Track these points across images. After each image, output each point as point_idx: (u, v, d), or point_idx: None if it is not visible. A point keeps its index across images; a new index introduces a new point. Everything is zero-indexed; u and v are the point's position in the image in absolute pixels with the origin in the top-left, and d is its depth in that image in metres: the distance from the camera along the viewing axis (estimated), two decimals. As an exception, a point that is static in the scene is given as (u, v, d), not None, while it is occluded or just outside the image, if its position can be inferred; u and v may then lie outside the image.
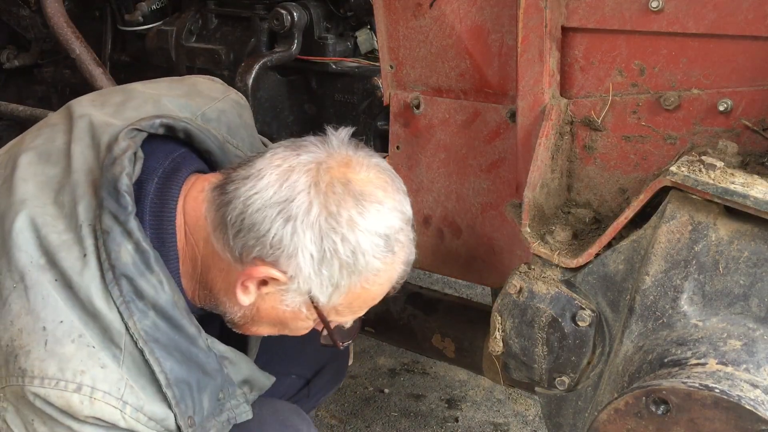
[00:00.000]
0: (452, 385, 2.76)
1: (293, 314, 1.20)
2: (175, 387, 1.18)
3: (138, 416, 1.14)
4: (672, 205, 1.13)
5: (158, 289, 1.16)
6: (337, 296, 1.17)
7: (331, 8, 2.15)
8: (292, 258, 1.12)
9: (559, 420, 1.33)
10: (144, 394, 1.15)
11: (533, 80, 1.31)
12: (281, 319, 1.23)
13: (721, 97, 1.20)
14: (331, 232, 1.11)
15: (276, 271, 1.13)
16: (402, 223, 1.19)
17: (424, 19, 1.46)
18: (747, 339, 1.08)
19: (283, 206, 1.11)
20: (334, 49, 2.15)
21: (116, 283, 1.14)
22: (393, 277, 1.21)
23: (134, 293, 1.14)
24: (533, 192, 1.28)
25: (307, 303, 1.18)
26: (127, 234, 1.15)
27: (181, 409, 1.19)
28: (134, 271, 1.14)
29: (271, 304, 1.19)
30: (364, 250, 1.13)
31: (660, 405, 1.04)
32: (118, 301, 1.14)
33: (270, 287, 1.17)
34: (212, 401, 1.25)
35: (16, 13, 2.57)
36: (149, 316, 1.16)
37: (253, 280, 1.16)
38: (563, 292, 1.25)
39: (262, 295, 1.18)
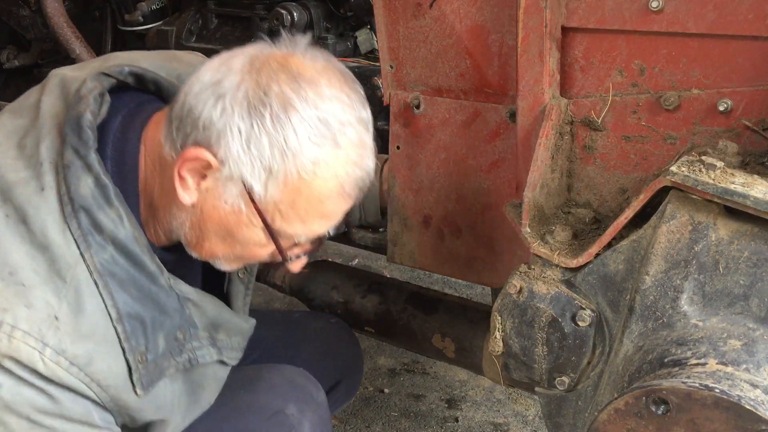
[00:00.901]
0: (452, 385, 2.76)
1: (235, 217, 1.14)
2: (127, 322, 1.15)
3: (59, 360, 1.10)
4: (672, 205, 1.13)
5: (117, 223, 1.15)
6: (274, 186, 1.10)
7: (331, 8, 2.15)
8: (221, 137, 1.09)
9: (559, 420, 1.33)
10: (72, 335, 1.11)
11: (533, 80, 1.31)
12: (226, 227, 1.16)
13: (721, 97, 1.20)
14: (259, 105, 1.07)
15: (207, 153, 1.10)
16: (352, 119, 1.12)
17: (424, 19, 1.46)
18: (747, 339, 1.08)
19: (216, 86, 1.09)
20: (334, 49, 2.15)
21: (74, 216, 1.12)
22: (340, 176, 1.12)
23: (92, 226, 1.13)
24: (533, 192, 1.28)
25: (245, 195, 1.12)
26: (87, 168, 1.14)
27: (131, 344, 1.16)
28: (93, 204, 1.13)
29: (212, 203, 1.15)
30: (296, 129, 1.08)
31: (660, 405, 1.04)
32: (76, 234, 1.12)
33: (208, 180, 1.13)
34: (169, 341, 1.22)
35: (16, 13, 2.57)
36: (107, 250, 1.14)
37: (186, 166, 1.12)
38: (563, 292, 1.25)
39: (202, 192, 1.14)
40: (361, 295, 1.92)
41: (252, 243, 1.19)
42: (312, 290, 1.99)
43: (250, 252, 1.22)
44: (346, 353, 1.92)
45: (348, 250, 3.43)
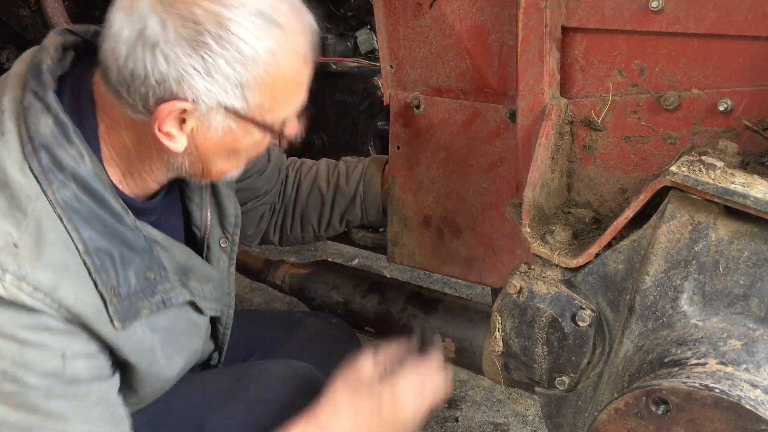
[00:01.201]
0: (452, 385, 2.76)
1: (230, 136, 1.18)
2: (95, 256, 1.16)
3: (21, 285, 1.10)
4: (672, 205, 1.13)
5: (78, 160, 1.15)
6: (251, 94, 1.13)
7: (331, 8, 2.15)
8: (182, 82, 1.09)
9: (559, 420, 1.33)
10: (33, 263, 1.11)
11: (533, 80, 1.31)
12: (226, 147, 1.20)
13: (721, 97, 1.20)
14: (196, 36, 1.07)
15: (176, 103, 1.11)
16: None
17: (424, 19, 1.46)
18: (747, 339, 1.08)
19: (141, 39, 1.08)
20: (334, 49, 2.15)
21: (35, 154, 1.13)
22: (297, 49, 1.16)
23: (53, 164, 1.13)
24: (533, 192, 1.28)
25: (230, 116, 1.15)
26: (46, 108, 1.15)
27: (102, 278, 1.17)
28: (53, 141, 1.14)
29: (203, 137, 1.17)
30: (241, 36, 1.09)
31: (660, 405, 1.04)
32: (36, 171, 1.13)
33: (189, 122, 1.14)
34: (140, 279, 1.23)
35: (16, 13, 2.57)
36: (69, 187, 1.14)
37: (165, 122, 1.13)
38: (563, 292, 1.25)
39: (189, 135, 1.16)
40: (361, 295, 1.92)
41: (252, 145, 1.24)
42: (312, 290, 1.99)
43: (254, 152, 1.27)
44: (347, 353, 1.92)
45: (348, 250, 3.43)
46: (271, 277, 2.09)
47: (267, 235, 1.83)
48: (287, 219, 1.80)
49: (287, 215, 1.80)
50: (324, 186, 1.77)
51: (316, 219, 1.79)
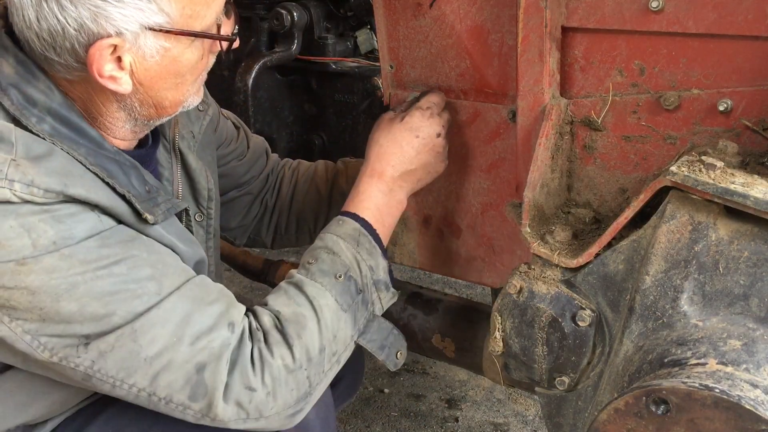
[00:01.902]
0: (452, 385, 2.76)
1: (169, 57, 1.16)
2: (98, 167, 1.16)
3: (31, 190, 1.08)
4: (672, 205, 1.13)
5: (48, 94, 1.15)
6: (167, 4, 1.11)
7: (331, 8, 2.15)
8: (97, 18, 1.09)
9: (559, 420, 1.33)
10: (41, 170, 1.09)
11: (533, 80, 1.31)
12: (169, 71, 1.19)
13: (721, 97, 1.20)
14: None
15: (103, 41, 1.10)
16: None
17: (424, 19, 1.46)
18: (747, 339, 1.08)
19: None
20: (334, 49, 2.15)
21: (5, 94, 1.13)
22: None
23: (25, 100, 1.13)
24: (533, 192, 1.28)
25: (160, 36, 1.13)
26: (3, 48, 1.15)
27: (118, 182, 1.17)
28: (19, 80, 1.14)
29: (144, 68, 1.16)
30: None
31: (660, 405, 1.04)
32: (12, 110, 1.12)
33: (125, 58, 1.13)
34: (142, 189, 1.22)
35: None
36: (47, 120, 1.14)
37: (101, 65, 1.12)
38: (563, 292, 1.25)
39: (131, 72, 1.15)
40: (361, 295, 1.92)
41: (195, 62, 1.21)
42: (312, 290, 1.98)
43: (199, 71, 1.24)
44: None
45: (348, 250, 3.43)
46: (271, 277, 2.09)
47: (259, 234, 1.83)
48: (282, 218, 1.80)
49: (282, 214, 1.80)
50: (322, 185, 1.77)
51: (313, 219, 1.79)
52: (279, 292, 1.30)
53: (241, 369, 1.18)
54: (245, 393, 1.19)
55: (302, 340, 1.24)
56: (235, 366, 1.18)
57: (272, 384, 1.20)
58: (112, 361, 1.14)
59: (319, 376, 1.27)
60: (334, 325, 1.28)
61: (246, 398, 1.19)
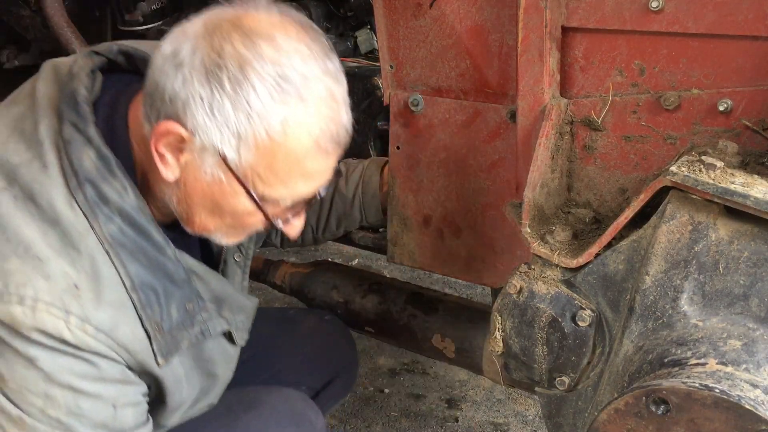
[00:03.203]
0: (452, 385, 2.76)
1: (218, 187, 1.14)
2: (141, 291, 1.16)
3: (85, 327, 1.11)
4: (672, 205, 1.13)
5: (122, 194, 1.16)
6: (247, 151, 1.09)
7: (331, 8, 2.15)
8: (187, 108, 1.08)
9: (559, 420, 1.33)
10: (94, 303, 1.12)
11: (533, 80, 1.31)
12: (212, 198, 1.16)
13: (721, 97, 1.20)
14: (215, 69, 1.06)
15: (177, 125, 1.09)
16: (316, 71, 1.09)
17: (424, 19, 1.46)
18: (747, 339, 1.08)
19: (174, 56, 1.09)
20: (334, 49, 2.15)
21: (80, 189, 1.13)
22: (313, 132, 1.10)
23: (99, 198, 1.14)
24: (533, 192, 1.28)
25: (221, 164, 1.11)
26: (88, 141, 1.15)
27: (147, 313, 1.17)
28: (97, 176, 1.14)
29: (194, 175, 1.14)
30: (256, 88, 1.05)
31: (660, 405, 1.04)
32: (83, 206, 1.13)
33: (186, 155, 1.12)
34: (181, 311, 1.23)
35: (16, 13, 2.56)
36: (115, 221, 1.15)
37: (161, 141, 1.11)
38: (563, 292, 1.25)
39: (183, 167, 1.14)
40: (361, 295, 1.92)
41: (240, 212, 1.18)
42: (312, 290, 1.99)
43: (241, 222, 1.21)
44: (340, 350, 1.93)
45: (348, 250, 3.43)
46: (271, 277, 2.09)
47: (269, 237, 1.84)
48: None
49: None
50: None
51: (314, 220, 1.79)
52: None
53: None
54: None
55: None
56: None
57: None
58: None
59: None
60: None
61: None
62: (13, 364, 1.12)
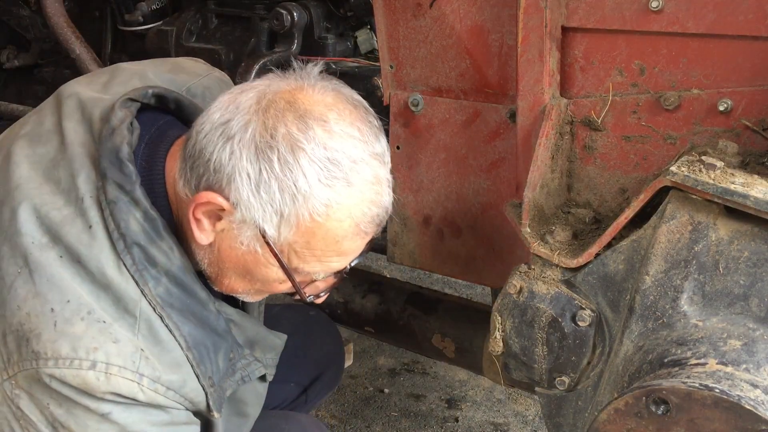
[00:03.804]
0: (452, 385, 2.76)
1: (252, 256, 1.15)
2: (195, 349, 1.17)
3: (156, 387, 1.12)
4: (672, 205, 1.13)
5: (169, 255, 1.16)
6: (287, 229, 1.10)
7: (331, 8, 2.15)
8: (231, 181, 1.08)
9: (559, 420, 1.33)
10: (160, 363, 1.13)
11: (533, 80, 1.31)
12: (245, 266, 1.18)
13: (721, 97, 1.20)
14: (266, 148, 1.06)
15: (219, 197, 1.10)
16: (364, 155, 1.10)
17: (424, 19, 1.46)
18: (747, 339, 1.08)
19: (225, 127, 1.09)
20: (334, 49, 2.15)
21: (128, 252, 1.12)
22: (355, 216, 1.11)
23: (147, 261, 1.13)
24: (533, 192, 1.28)
25: (259, 238, 1.12)
26: (135, 203, 1.14)
27: (202, 370, 1.18)
28: (145, 238, 1.14)
29: (229, 243, 1.15)
30: (305, 171, 1.06)
31: (660, 405, 1.04)
32: (132, 269, 1.12)
33: (223, 222, 1.13)
34: (225, 362, 1.24)
35: (16, 13, 2.57)
36: (162, 282, 1.14)
37: (200, 209, 1.12)
38: (563, 292, 1.25)
39: (218, 233, 1.15)
40: (361, 295, 1.92)
41: (271, 280, 1.20)
42: (312, 290, 1.99)
43: (269, 288, 1.24)
44: (326, 344, 1.92)
45: (348, 250, 3.42)
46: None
47: None
48: None
49: None
50: None
51: None
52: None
53: None
54: None
55: None
56: None
57: None
58: None
59: None
60: None
61: None
62: (85, 420, 1.12)
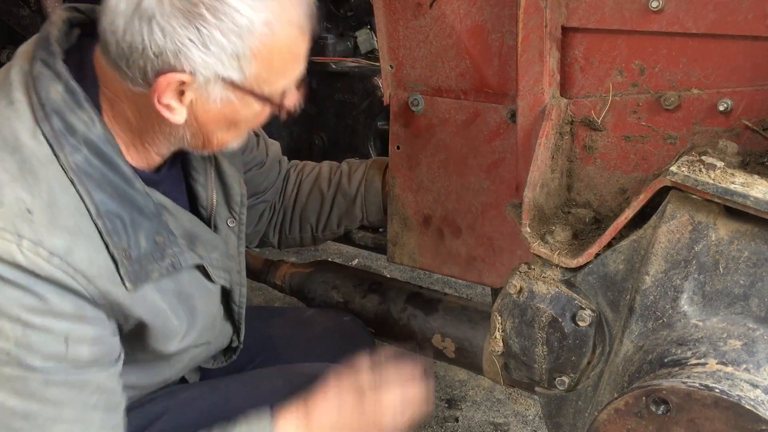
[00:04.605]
0: (452, 385, 2.76)
1: (230, 107, 1.19)
2: (106, 218, 1.17)
3: (37, 250, 1.11)
4: (672, 205, 1.13)
5: (89, 125, 1.17)
6: (248, 65, 1.14)
7: (331, 8, 2.15)
8: (178, 54, 1.10)
9: (559, 420, 1.33)
10: (49, 228, 1.13)
11: (533, 80, 1.31)
12: (226, 119, 1.22)
13: (721, 97, 1.20)
14: (191, 8, 1.08)
15: (176, 74, 1.12)
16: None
17: (424, 19, 1.46)
18: (747, 339, 1.08)
19: (138, 12, 1.09)
20: (334, 49, 2.15)
21: (47, 120, 1.15)
22: (293, 20, 1.17)
23: (65, 128, 1.15)
24: (533, 192, 1.28)
25: (229, 88, 1.16)
26: (56, 75, 1.17)
27: (114, 240, 1.18)
28: (64, 107, 1.16)
29: (203, 109, 1.18)
30: (236, 7, 1.09)
31: (660, 405, 1.04)
32: (49, 136, 1.14)
33: (188, 94, 1.16)
34: (150, 243, 1.24)
35: (16, 13, 2.57)
36: (81, 151, 1.16)
37: (164, 94, 1.14)
38: (563, 292, 1.25)
39: (189, 107, 1.18)
40: (361, 295, 1.92)
41: (252, 116, 1.25)
42: (312, 290, 1.98)
43: (253, 124, 1.29)
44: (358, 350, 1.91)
45: (348, 250, 3.43)
46: (271, 277, 2.09)
47: (267, 236, 1.83)
48: (286, 218, 1.81)
49: (287, 214, 1.80)
50: (325, 185, 1.77)
51: (315, 218, 1.79)
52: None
53: None
54: None
55: None
56: None
57: None
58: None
59: None
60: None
61: None
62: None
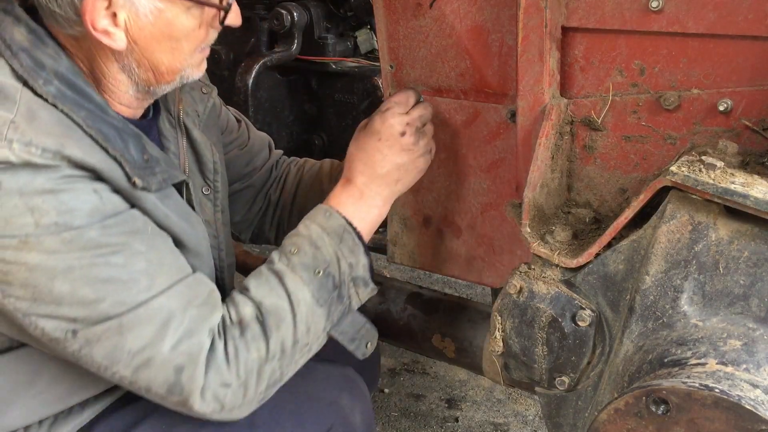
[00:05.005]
0: (452, 385, 2.76)
1: (163, 21, 1.19)
2: (95, 130, 1.18)
3: (29, 149, 1.11)
4: (672, 205, 1.13)
5: (56, 58, 1.19)
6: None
7: (331, 8, 2.15)
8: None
9: (559, 420, 1.33)
10: (39, 131, 1.13)
11: (533, 80, 1.31)
12: (163, 34, 1.21)
13: (721, 97, 1.20)
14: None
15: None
16: None
17: (424, 19, 1.46)
18: (747, 339, 1.08)
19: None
20: (334, 49, 2.16)
21: (15, 57, 1.17)
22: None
23: (34, 63, 1.17)
24: (533, 192, 1.28)
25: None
26: (17, 19, 1.20)
27: (112, 145, 1.19)
28: (30, 45, 1.18)
29: (138, 26, 1.19)
30: None
31: (660, 405, 1.04)
32: (20, 71, 1.16)
33: (120, 14, 1.16)
34: (138, 154, 1.24)
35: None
36: (53, 83, 1.18)
37: (95, 18, 1.15)
38: (563, 292, 1.25)
39: (126, 29, 1.18)
40: (361, 295, 1.92)
41: (191, 30, 1.23)
42: (312, 290, 1.98)
43: (196, 41, 1.26)
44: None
45: (348, 250, 3.42)
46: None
47: (263, 229, 1.83)
48: (285, 213, 1.81)
49: (285, 209, 1.80)
50: (326, 182, 1.77)
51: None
52: (260, 279, 1.32)
53: (216, 368, 1.22)
54: (221, 390, 1.23)
55: (279, 332, 1.27)
56: (210, 366, 1.22)
57: (245, 375, 1.25)
58: (98, 350, 1.18)
59: (290, 366, 1.32)
60: (309, 319, 1.31)
61: (222, 393, 1.24)
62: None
